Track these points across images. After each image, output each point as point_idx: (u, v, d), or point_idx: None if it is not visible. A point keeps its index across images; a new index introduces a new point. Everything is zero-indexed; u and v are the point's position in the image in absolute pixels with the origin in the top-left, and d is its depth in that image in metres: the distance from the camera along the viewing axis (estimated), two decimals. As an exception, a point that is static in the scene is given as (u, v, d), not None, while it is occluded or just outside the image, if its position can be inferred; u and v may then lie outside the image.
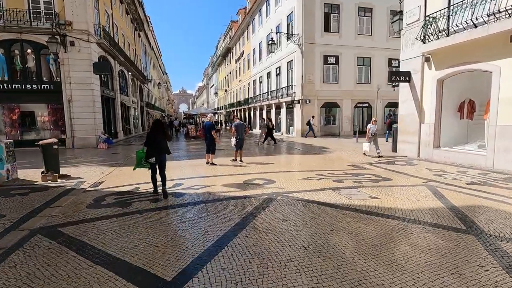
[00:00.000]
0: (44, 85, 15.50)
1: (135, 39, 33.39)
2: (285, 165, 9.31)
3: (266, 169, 8.39)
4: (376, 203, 4.88)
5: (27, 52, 15.39)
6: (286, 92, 22.56)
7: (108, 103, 20.39)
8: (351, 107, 21.47)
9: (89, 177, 8.01)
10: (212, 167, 8.78)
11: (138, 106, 33.19)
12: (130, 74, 27.23)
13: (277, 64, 24.92)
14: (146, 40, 43.37)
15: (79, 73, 15.65)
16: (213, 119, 9.56)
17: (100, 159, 11.44)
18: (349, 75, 21.05)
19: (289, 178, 7.03)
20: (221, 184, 6.49)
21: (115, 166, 9.83)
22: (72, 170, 9.04)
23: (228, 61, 50.07)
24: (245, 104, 36.64)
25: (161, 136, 5.71)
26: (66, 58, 15.47)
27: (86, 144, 15.98)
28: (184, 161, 10.46)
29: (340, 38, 20.52)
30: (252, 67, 33.46)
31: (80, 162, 10.68)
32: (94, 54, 16.43)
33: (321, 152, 12.54)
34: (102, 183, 7.19)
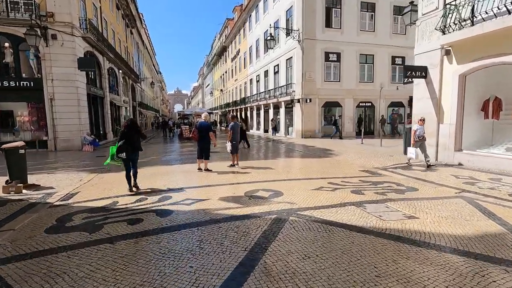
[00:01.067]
0: (24, 82, 14.19)
1: (127, 36, 32.05)
2: (290, 171, 8.22)
3: (269, 176, 7.30)
4: (418, 226, 3.81)
5: (5, 46, 14.08)
6: (285, 91, 21.51)
7: (96, 102, 19.10)
8: (353, 106, 20.50)
9: (63, 186, 6.83)
10: (207, 175, 7.64)
11: (130, 105, 31.83)
12: (121, 72, 25.93)
13: (275, 61, 23.87)
14: (139, 38, 41.99)
15: (62, 69, 14.38)
16: (209, 118, 8.42)
17: (81, 164, 10.23)
18: (351, 73, 20.08)
19: (298, 188, 5.95)
20: (218, 197, 5.37)
21: (97, 172, 8.65)
22: (45, 177, 7.84)
23: (223, 60, 48.91)
24: (242, 104, 35.53)
25: (134, 134, 6.09)
26: (48, 53, 14.20)
27: (70, 146, 14.71)
28: (176, 166, 9.31)
29: (342, 35, 19.54)
30: (249, 66, 32.37)
31: (58, 168, 9.46)
32: (79, 49, 15.17)
33: (326, 155, 11.49)
34: (75, 194, 6.02)
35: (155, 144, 18.92)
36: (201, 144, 7.95)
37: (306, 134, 19.21)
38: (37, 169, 9.16)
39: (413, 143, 8.54)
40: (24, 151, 6.84)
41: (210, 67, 63.78)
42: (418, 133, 8.45)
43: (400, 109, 21.99)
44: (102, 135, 19.99)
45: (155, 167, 9.17)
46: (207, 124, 7.96)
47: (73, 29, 14.47)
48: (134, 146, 6.06)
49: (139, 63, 41.46)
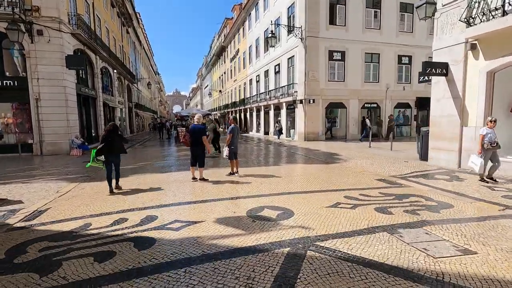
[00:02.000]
0: (6, 81, 13.17)
1: (123, 35, 31.09)
2: (297, 181, 7.22)
3: (274, 188, 6.31)
4: (484, 269, 2.83)
5: (-14, 42, 13.07)
6: (287, 91, 20.57)
7: (88, 103, 18.11)
8: (358, 107, 19.56)
9: (34, 200, 5.84)
10: (202, 186, 6.64)
11: (125, 107, 30.84)
12: (115, 72, 24.96)
13: (276, 61, 22.93)
14: (135, 38, 41.05)
15: (48, 68, 13.38)
16: (202, 121, 7.43)
17: (64, 171, 9.22)
18: (356, 72, 19.16)
19: (311, 205, 4.97)
20: (214, 218, 4.38)
21: (79, 180, 7.65)
22: (17, 188, 6.84)
23: (222, 61, 48.00)
24: (241, 105, 34.57)
25: (115, 137, 6.25)
26: (33, 50, 13.19)
27: (57, 150, 13.69)
28: (168, 174, 8.30)
29: (347, 32, 18.63)
30: (249, 66, 31.44)
31: (37, 176, 8.44)
32: (67, 46, 14.17)
33: (333, 160, 10.53)
34: (44, 212, 5.02)
35: (149, 147, 17.92)
36: (194, 150, 6.95)
37: (309, 136, 18.25)
38: (13, 177, 8.16)
39: (480, 151, 6.61)
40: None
41: (209, 68, 62.87)
42: (489, 138, 6.48)
43: (407, 111, 21.06)
44: (94, 137, 18.96)
45: (145, 175, 8.18)
46: (200, 127, 6.95)
47: (61, 25, 13.47)
48: (114, 147, 6.21)
49: (136, 63, 40.50)
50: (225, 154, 7.40)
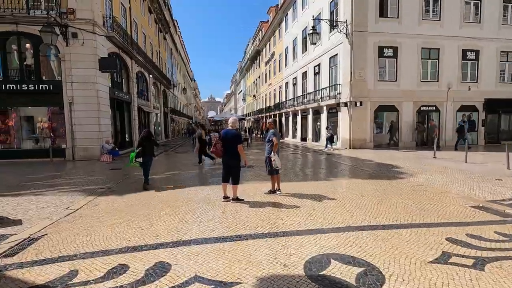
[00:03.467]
0: (42, 85, 13.05)
1: (160, 41, 31.40)
2: (361, 206, 5.30)
3: (334, 217, 4.61)
4: None
5: (26, 47, 13.11)
6: (328, 93, 18.64)
7: (122, 108, 17.83)
8: (412, 111, 16.99)
9: (35, 220, 4.82)
10: (235, 209, 5.13)
11: (161, 112, 30.95)
12: (151, 77, 24.92)
13: (315, 61, 21.12)
14: (172, 44, 41.72)
15: (82, 71, 13.05)
16: (237, 125, 5.94)
17: (86, 180, 8.35)
18: (411, 71, 16.66)
19: (403, 256, 3.20)
20: (254, 276, 2.79)
21: (96, 194, 6.62)
22: (26, 202, 5.94)
23: (257, 65, 47.08)
24: (276, 109, 33.07)
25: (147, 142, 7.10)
26: (68, 53, 12.96)
27: (89, 155, 13.25)
28: (196, 189, 6.98)
29: (400, 25, 16.30)
30: (284, 69, 29.92)
31: (55, 185, 7.62)
32: (101, 49, 13.82)
33: (394, 174, 8.50)
34: (35, 242, 3.88)
35: (182, 153, 17.06)
36: (227, 162, 5.48)
37: (355, 143, 16.11)
38: (30, 186, 7.41)
39: None
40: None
41: (243, 73, 62.54)
42: None
43: (473, 114, 17.92)
44: (127, 142, 18.67)
45: (167, 191, 6.94)
46: (234, 133, 5.48)
47: (95, 27, 13.12)
48: (146, 152, 7.03)
49: (172, 69, 41.04)
50: (277, 164, 5.79)
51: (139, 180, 8.04)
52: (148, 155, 7.15)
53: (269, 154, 5.95)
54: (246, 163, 5.57)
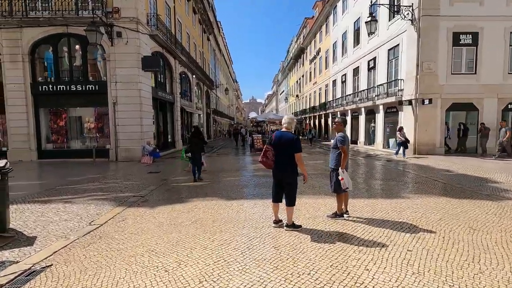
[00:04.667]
0: (89, 86, 13.12)
1: (203, 42, 31.40)
2: (488, 251, 3.51)
3: (458, 275, 2.97)
4: None
5: (76, 48, 13.31)
6: (386, 90, 16.32)
7: (165, 108, 17.62)
8: (496, 109, 13.95)
9: (49, 240, 4.04)
10: (292, 244, 3.63)
11: (203, 112, 30.89)
12: (194, 78, 24.75)
13: (369, 55, 18.83)
14: (216, 45, 41.87)
15: (125, 70, 12.84)
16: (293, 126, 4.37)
17: (121, 185, 7.68)
18: (495, 61, 13.67)
19: None
20: None
21: (127, 205, 5.77)
22: (51, 212, 5.28)
23: (300, 63, 45.20)
24: (321, 109, 30.97)
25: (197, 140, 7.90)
26: (113, 52, 12.83)
27: (130, 156, 12.98)
28: (237, 204, 5.77)
29: (482, 6, 13.44)
30: (332, 65, 27.76)
31: (86, 191, 7.03)
32: (144, 47, 13.51)
33: (498, 192, 6.38)
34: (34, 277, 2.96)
35: (223, 155, 16.20)
36: (280, 176, 4.06)
37: (422, 149, 13.67)
38: (63, 191, 6.90)
39: None
40: (6, 177, 4.22)
41: (286, 73, 60.96)
42: None
43: None
44: (170, 143, 18.46)
45: (207, 202, 5.84)
46: (291, 138, 3.97)
47: (139, 25, 12.81)
48: (196, 148, 7.74)
49: (215, 70, 41.15)
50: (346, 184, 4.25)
51: (175, 188, 7.12)
52: (197, 151, 7.86)
53: (335, 167, 4.46)
54: (305, 179, 4.11)
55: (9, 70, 12.80)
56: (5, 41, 12.68)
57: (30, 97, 13.08)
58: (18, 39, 12.70)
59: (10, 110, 12.99)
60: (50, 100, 13.36)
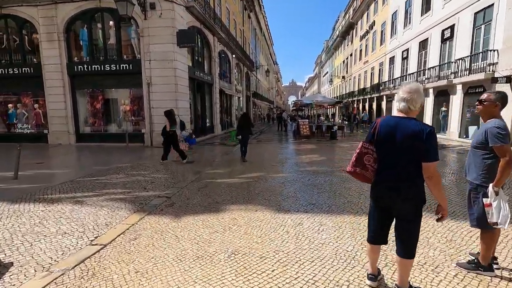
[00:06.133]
0: (123, 65, 12.18)
1: (244, 19, 29.39)
2: None
3: None
4: None
5: (109, 25, 12.37)
6: (467, 66, 13.05)
7: (203, 89, 16.33)
8: None
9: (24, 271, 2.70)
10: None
11: (243, 95, 29.38)
12: (234, 57, 23.10)
13: (445, 23, 15.35)
14: (256, 24, 39.57)
15: (159, 47, 11.60)
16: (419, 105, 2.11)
17: (147, 179, 6.43)
18: None
19: None
20: None
21: (147, 211, 4.41)
22: (52, 218, 4.11)
23: (348, 41, 41.02)
24: (373, 92, 27.53)
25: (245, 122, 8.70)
26: (146, 27, 11.62)
27: (166, 142, 11.91)
28: (283, 225, 4.07)
29: None
30: (389, 40, 24.08)
31: (106, 186, 5.87)
32: (180, 21, 12.09)
33: None
34: None
35: (265, 142, 14.54)
36: (389, 200, 2.14)
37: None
38: (80, 186, 5.81)
39: None
40: None
41: (330, 53, 56.51)
42: None
43: None
44: (208, 128, 17.29)
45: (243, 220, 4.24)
46: (417, 131, 1.98)
47: (173, -5, 11.35)
48: (245, 130, 8.59)
49: (256, 51, 39.07)
50: (496, 218, 2.35)
51: (210, 186, 5.63)
52: (246, 133, 8.62)
53: (482, 182, 2.45)
54: (444, 215, 2.07)
55: (46, 50, 12.33)
56: (41, 19, 12.14)
57: (67, 78, 12.57)
58: (54, 16, 12.07)
59: (49, 91, 12.64)
60: (86, 81, 12.75)
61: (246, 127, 8.60)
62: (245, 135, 8.59)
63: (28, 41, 12.97)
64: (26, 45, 13.00)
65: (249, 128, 8.76)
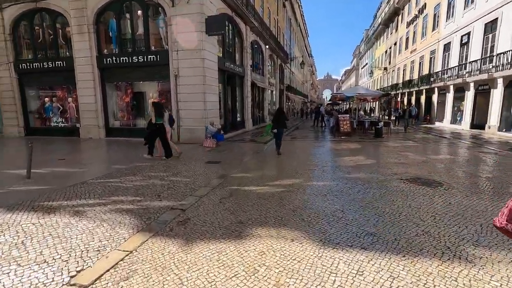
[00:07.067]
0: (151, 56, 11.60)
1: (278, 8, 27.90)
2: None
3: None
4: None
5: (138, 14, 11.83)
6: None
7: (233, 82, 15.38)
8: None
9: None
10: None
11: (276, 89, 28.06)
12: (267, 48, 21.83)
13: (524, -3, 12.64)
14: (292, 14, 37.74)
15: (186, 36, 10.79)
16: None
17: (164, 184, 5.56)
18: None
19: None
20: None
21: (153, 229, 3.50)
22: (40, 237, 3.32)
23: (392, 29, 37.54)
24: (422, 83, 24.63)
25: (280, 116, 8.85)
26: (174, 15, 10.86)
27: (193, 138, 11.21)
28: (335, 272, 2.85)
29: None
30: (444, 24, 21.13)
31: (114, 193, 5.10)
32: (209, 7, 11.16)
33: None
34: None
35: (300, 140, 13.23)
36: None
37: None
38: (90, 189, 5.10)
39: None
40: None
41: (371, 43, 52.63)
42: None
43: None
44: (238, 123, 16.37)
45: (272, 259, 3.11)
46: None
47: (202, -22, 10.41)
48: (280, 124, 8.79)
49: (290, 42, 37.30)
50: None
51: (235, 196, 4.57)
52: (281, 127, 8.84)
53: None
54: None
55: (77, 43, 12.16)
56: (72, 11, 11.95)
57: (97, 71, 12.33)
58: (84, 7, 11.80)
59: (80, 85, 12.53)
60: (115, 74, 12.41)
61: (281, 121, 8.85)
62: (280, 129, 8.87)
63: (61, 34, 12.94)
64: (60, 39, 12.99)
65: (284, 122, 8.96)
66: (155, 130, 7.75)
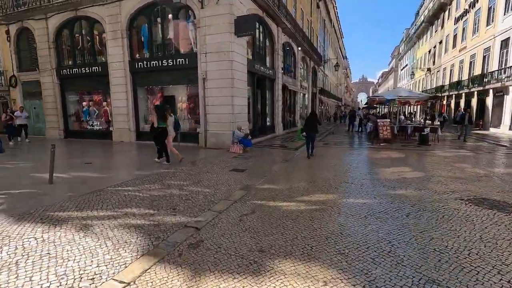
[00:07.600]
0: (180, 60, 11.46)
1: (312, 9, 26.98)
2: None
3: None
4: None
5: (168, 18, 11.80)
6: None
7: (263, 85, 14.83)
8: None
9: None
10: None
11: (309, 92, 27.06)
12: (300, 50, 21.04)
13: None
14: (326, 15, 36.50)
15: (215, 37, 10.47)
16: None
17: (180, 195, 5.11)
18: None
19: None
20: None
21: (160, 253, 3.00)
22: (41, 251, 2.93)
23: (437, 26, 34.62)
24: (473, 85, 22.09)
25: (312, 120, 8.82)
26: (203, 16, 10.61)
27: (220, 143, 10.82)
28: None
29: None
30: (502, 17, 18.75)
31: (128, 204, 4.73)
32: (239, 7, 10.76)
33: None
34: None
35: (334, 147, 12.24)
36: None
37: None
38: (102, 198, 4.79)
39: None
40: None
41: (412, 42, 49.24)
42: None
43: None
44: (268, 127, 15.76)
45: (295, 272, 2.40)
46: None
47: (232, -23, 10.04)
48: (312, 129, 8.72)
49: (324, 44, 36.02)
50: None
51: (258, 213, 3.93)
52: (313, 131, 8.81)
53: None
54: None
55: (111, 48, 12.46)
56: (107, 18, 12.28)
57: (129, 75, 12.51)
58: (118, 14, 12.06)
59: (113, 89, 12.80)
60: (145, 78, 12.49)
61: (313, 124, 8.78)
62: (312, 133, 8.80)
63: (98, 41, 13.39)
64: (97, 45, 13.44)
65: (315, 126, 8.84)
66: (159, 134, 7.50)
